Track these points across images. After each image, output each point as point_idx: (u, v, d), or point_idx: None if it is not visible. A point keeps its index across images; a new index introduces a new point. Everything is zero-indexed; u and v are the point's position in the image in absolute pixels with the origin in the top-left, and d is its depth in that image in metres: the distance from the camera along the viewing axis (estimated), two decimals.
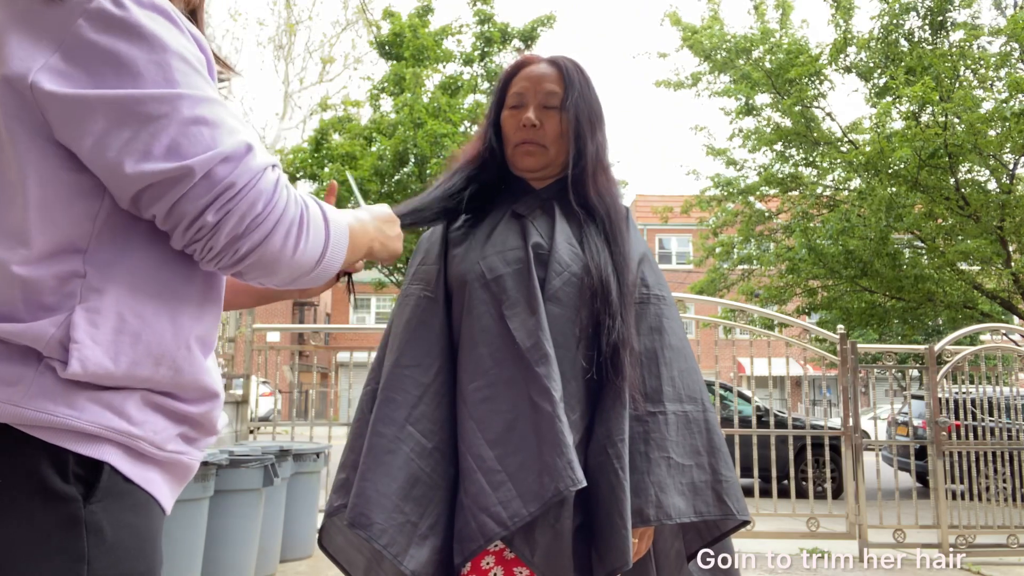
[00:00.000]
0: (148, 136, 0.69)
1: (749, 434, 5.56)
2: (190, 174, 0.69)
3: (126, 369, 0.72)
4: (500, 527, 1.22)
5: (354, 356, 5.76)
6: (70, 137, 0.70)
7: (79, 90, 0.68)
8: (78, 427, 0.69)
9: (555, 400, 1.25)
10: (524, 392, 1.27)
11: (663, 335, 1.42)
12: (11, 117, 0.70)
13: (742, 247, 12.83)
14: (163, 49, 0.72)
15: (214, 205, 0.70)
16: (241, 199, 0.71)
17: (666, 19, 12.21)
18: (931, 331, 12.65)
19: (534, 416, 1.25)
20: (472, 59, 13.17)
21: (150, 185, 0.69)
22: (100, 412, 0.71)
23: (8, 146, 0.71)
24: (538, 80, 1.47)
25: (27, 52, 0.69)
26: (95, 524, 0.68)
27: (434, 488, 1.30)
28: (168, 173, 0.69)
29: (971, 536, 5.42)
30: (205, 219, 0.71)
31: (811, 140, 11.50)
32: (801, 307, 12.22)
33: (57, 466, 0.68)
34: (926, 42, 10.34)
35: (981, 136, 9.28)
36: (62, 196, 0.72)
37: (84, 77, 0.69)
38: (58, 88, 0.68)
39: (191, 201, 0.70)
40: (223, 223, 0.71)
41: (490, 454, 1.26)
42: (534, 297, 1.32)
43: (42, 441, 0.68)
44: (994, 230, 9.92)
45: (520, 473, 1.24)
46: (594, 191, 1.45)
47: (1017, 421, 5.69)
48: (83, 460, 0.70)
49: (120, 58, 0.70)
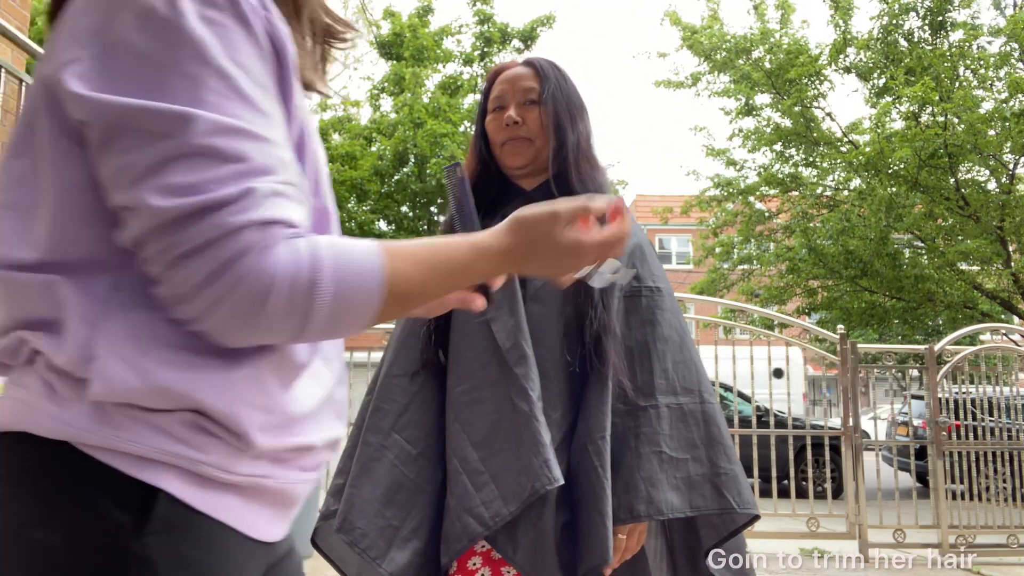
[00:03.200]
0: (141, 155, 0.62)
1: (749, 434, 5.56)
2: (157, 214, 0.61)
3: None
4: (482, 527, 1.25)
5: (354, 356, 5.76)
6: (85, 140, 0.65)
7: (94, 93, 0.63)
8: (128, 449, 0.63)
9: (532, 399, 1.27)
10: (505, 393, 1.30)
11: (655, 327, 1.41)
12: (54, 124, 0.66)
13: (742, 247, 12.84)
14: (203, 61, 0.64)
15: (168, 253, 0.62)
16: (195, 257, 0.61)
17: (666, 19, 12.22)
18: (931, 331, 12.65)
19: (514, 416, 1.28)
20: (472, 59, 13.17)
21: (123, 207, 0.63)
22: (151, 433, 0.64)
23: (39, 151, 0.67)
24: (515, 80, 1.49)
25: (63, 48, 0.66)
26: (144, 557, 0.61)
27: (418, 493, 1.34)
28: (136, 204, 0.62)
29: (971, 536, 5.42)
30: (154, 264, 0.63)
31: (811, 140, 11.51)
32: (801, 307, 12.22)
33: (110, 490, 0.62)
34: (926, 42, 10.34)
35: (981, 136, 9.29)
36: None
37: (106, 80, 0.63)
38: (79, 89, 0.63)
39: (149, 240, 0.62)
40: (169, 276, 0.62)
41: (474, 455, 1.30)
42: (515, 299, 1.34)
43: (98, 462, 0.62)
44: (994, 230, 9.92)
45: (502, 474, 1.27)
46: (577, 180, 1.44)
47: (1017, 421, 5.69)
48: (137, 485, 0.62)
49: (150, 63, 0.63)
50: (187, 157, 0.61)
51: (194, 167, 0.61)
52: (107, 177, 0.64)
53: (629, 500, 1.30)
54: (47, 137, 0.67)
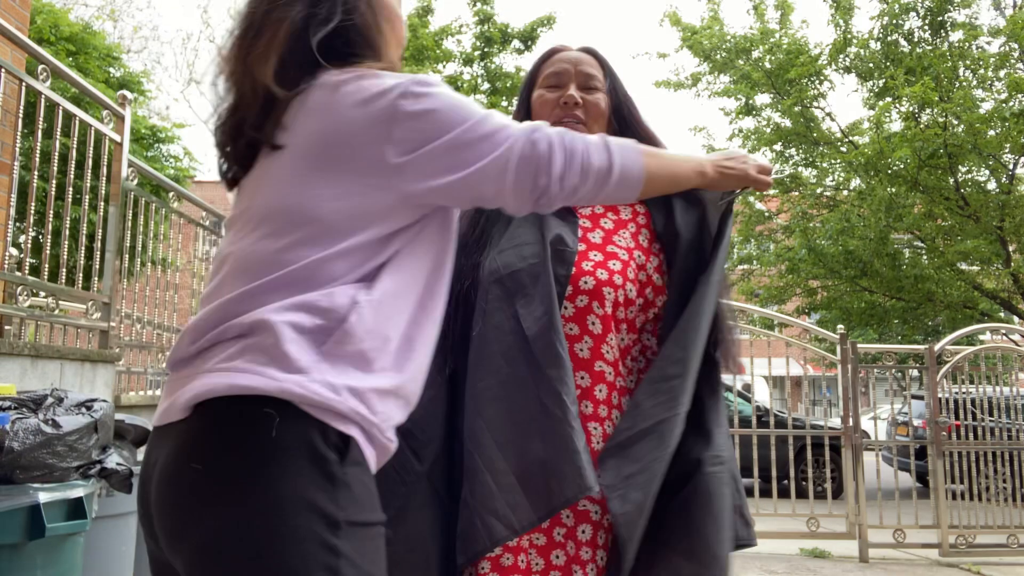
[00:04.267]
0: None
1: (749, 434, 5.57)
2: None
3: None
4: (508, 530, 1.21)
5: None
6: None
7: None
8: (340, 410, 0.91)
9: (566, 404, 1.22)
10: (535, 394, 1.25)
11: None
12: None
13: (742, 247, 12.84)
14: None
15: (521, 170, 1.01)
16: (529, 158, 1.01)
17: (666, 19, 12.23)
18: (931, 331, 12.65)
19: (544, 419, 1.23)
20: (472, 59, 13.16)
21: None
22: (354, 400, 0.93)
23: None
24: (576, 62, 1.48)
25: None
26: (344, 480, 0.89)
27: (399, 483, 1.26)
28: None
29: (971, 536, 5.42)
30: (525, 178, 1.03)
31: (811, 140, 11.52)
32: (801, 307, 12.23)
33: (323, 436, 0.89)
34: (925, 42, 10.34)
35: (981, 136, 9.29)
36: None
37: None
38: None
39: (512, 172, 1.01)
40: (523, 179, 1.03)
41: (499, 455, 1.24)
42: (548, 295, 1.28)
43: (313, 417, 0.89)
44: (994, 230, 9.93)
45: (530, 478, 1.22)
46: None
47: (1017, 421, 5.70)
48: (339, 434, 0.91)
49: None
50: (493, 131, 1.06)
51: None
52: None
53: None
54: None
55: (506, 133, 1.01)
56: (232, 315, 0.95)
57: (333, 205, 0.96)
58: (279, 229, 0.97)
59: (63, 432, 1.83)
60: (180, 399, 0.92)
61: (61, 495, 1.78)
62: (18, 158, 2.93)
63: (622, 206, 1.47)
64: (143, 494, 0.97)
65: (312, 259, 0.95)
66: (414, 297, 1.02)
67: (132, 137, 11.08)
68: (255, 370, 0.90)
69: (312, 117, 0.98)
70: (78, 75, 3.82)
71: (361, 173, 0.97)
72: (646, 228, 1.45)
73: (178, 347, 0.99)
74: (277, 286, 0.95)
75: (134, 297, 3.95)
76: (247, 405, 0.89)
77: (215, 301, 0.98)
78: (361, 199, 0.97)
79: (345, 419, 0.92)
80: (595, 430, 1.31)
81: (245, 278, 0.97)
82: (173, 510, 0.90)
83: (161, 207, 4.23)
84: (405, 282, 1.01)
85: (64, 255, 3.48)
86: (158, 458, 0.94)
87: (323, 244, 0.95)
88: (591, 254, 1.37)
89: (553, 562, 1.28)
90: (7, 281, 3.03)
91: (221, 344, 0.94)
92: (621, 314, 1.36)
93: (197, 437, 0.90)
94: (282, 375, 0.89)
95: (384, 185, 0.97)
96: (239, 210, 1.05)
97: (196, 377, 0.93)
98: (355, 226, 0.97)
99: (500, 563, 1.27)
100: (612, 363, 1.34)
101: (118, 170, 3.64)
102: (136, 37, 19.59)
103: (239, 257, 0.99)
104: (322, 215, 0.96)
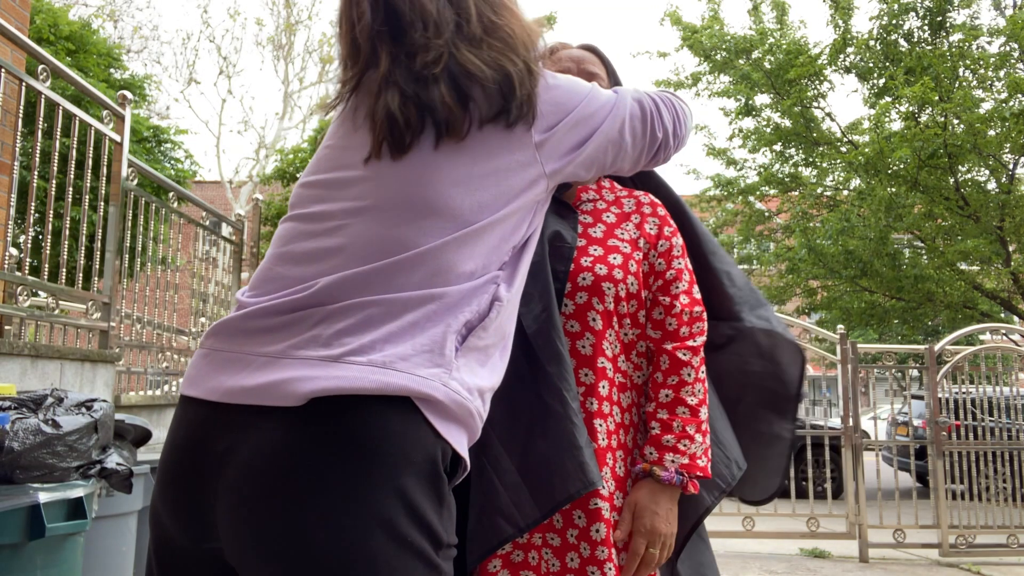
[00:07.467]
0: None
1: None
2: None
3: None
4: (514, 528, 1.21)
5: None
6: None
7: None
8: (469, 409, 0.92)
9: (567, 400, 1.23)
10: (536, 392, 1.25)
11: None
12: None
13: (742, 247, 12.84)
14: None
15: (636, 128, 1.12)
16: (647, 119, 1.13)
17: (666, 19, 12.22)
18: (931, 331, 12.65)
19: (546, 417, 1.24)
20: None
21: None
22: (478, 401, 0.95)
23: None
24: (578, 60, 1.47)
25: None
26: (448, 501, 0.92)
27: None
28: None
29: (971, 536, 5.42)
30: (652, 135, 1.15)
31: (811, 140, 11.51)
32: (801, 307, 12.23)
33: (443, 454, 0.90)
34: (925, 42, 10.34)
35: (981, 136, 9.29)
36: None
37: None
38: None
39: (628, 133, 1.10)
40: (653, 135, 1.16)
41: (503, 453, 1.25)
42: (547, 292, 1.29)
43: (439, 434, 0.89)
44: (994, 230, 9.93)
45: (533, 475, 1.23)
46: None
47: (1017, 421, 5.69)
48: (452, 453, 0.92)
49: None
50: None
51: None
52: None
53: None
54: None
55: (615, 99, 1.10)
56: (352, 295, 0.89)
57: (472, 189, 0.99)
58: (414, 214, 0.94)
59: (63, 432, 1.83)
60: (292, 385, 0.84)
61: (61, 495, 1.78)
62: (18, 158, 2.94)
63: (626, 199, 1.47)
64: (193, 478, 0.89)
65: (444, 241, 0.92)
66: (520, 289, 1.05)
67: (135, 138, 11.09)
68: (402, 368, 0.86)
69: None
70: (78, 75, 3.82)
71: (510, 151, 1.00)
72: (653, 216, 1.44)
73: (252, 315, 0.91)
74: (412, 267, 0.91)
75: (134, 297, 3.96)
76: (388, 407, 0.85)
77: (319, 274, 0.91)
78: (507, 180, 0.99)
79: (462, 424, 0.92)
80: (600, 426, 1.30)
81: (371, 256, 0.91)
82: (270, 504, 0.83)
83: (161, 207, 4.23)
84: (522, 274, 1.04)
85: (64, 255, 3.48)
86: (235, 443, 0.85)
87: (454, 229, 0.94)
88: (591, 249, 1.37)
89: (568, 564, 1.28)
90: (7, 281, 3.03)
91: (343, 326, 0.87)
92: (623, 308, 1.35)
93: (328, 433, 0.84)
94: (428, 372, 0.88)
95: (531, 161, 1.00)
96: (361, 177, 0.96)
97: (313, 364, 0.85)
98: (495, 209, 0.98)
99: (511, 559, 1.28)
100: (611, 359, 1.34)
101: (118, 170, 3.64)
102: (136, 37, 19.59)
103: (361, 233, 0.93)
104: (458, 201, 0.98)
